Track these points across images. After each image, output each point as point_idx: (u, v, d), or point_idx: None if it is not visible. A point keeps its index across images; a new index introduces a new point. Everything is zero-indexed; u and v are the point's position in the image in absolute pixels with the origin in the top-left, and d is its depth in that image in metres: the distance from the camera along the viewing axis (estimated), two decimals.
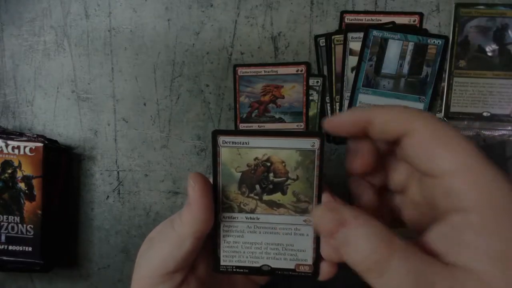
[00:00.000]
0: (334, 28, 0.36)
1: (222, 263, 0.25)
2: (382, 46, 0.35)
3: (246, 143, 0.24)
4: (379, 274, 0.19)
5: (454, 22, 0.35)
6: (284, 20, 0.36)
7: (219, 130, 0.24)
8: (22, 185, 0.35)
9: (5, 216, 0.35)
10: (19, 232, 0.35)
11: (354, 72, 0.36)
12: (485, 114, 0.35)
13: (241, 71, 0.36)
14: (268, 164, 0.24)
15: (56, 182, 0.36)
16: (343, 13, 0.36)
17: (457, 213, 0.19)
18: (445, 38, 0.35)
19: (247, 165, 0.24)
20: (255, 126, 0.37)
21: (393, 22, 0.35)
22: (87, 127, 0.38)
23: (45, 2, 0.37)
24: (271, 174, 0.24)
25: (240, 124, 0.37)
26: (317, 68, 0.36)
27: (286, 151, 0.24)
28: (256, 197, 0.25)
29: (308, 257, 0.25)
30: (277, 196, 0.25)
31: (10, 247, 0.35)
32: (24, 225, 0.35)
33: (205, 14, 0.37)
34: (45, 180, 0.35)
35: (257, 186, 0.25)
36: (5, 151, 0.34)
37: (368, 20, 0.36)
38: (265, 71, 0.36)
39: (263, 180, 0.24)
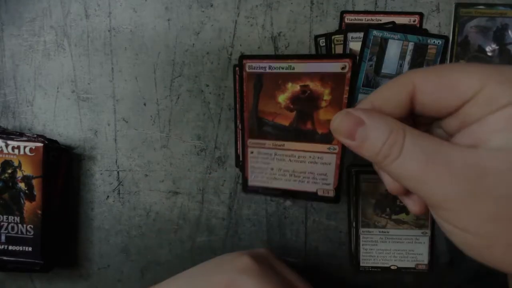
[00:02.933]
0: (334, 28, 0.36)
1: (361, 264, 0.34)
2: (382, 46, 0.35)
3: (377, 179, 0.30)
4: (395, 156, 0.20)
5: (454, 22, 0.35)
6: (284, 20, 0.36)
7: None
8: (22, 185, 0.35)
9: (5, 216, 0.35)
10: (19, 232, 0.35)
11: None
12: None
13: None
14: None
15: (56, 182, 0.36)
16: (343, 13, 0.36)
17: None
18: (445, 38, 0.35)
19: (380, 195, 0.32)
20: None
21: (393, 22, 0.35)
22: (87, 127, 0.38)
23: (45, 2, 0.37)
24: (398, 200, 0.32)
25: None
26: None
27: None
28: (387, 217, 0.32)
29: (424, 258, 0.34)
30: (402, 216, 0.33)
31: (10, 247, 0.35)
32: (24, 225, 0.35)
33: (205, 14, 0.37)
34: (45, 180, 0.35)
35: (388, 209, 0.31)
36: (5, 151, 0.34)
37: (368, 20, 0.36)
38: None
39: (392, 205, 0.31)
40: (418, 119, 0.24)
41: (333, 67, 0.24)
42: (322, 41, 0.36)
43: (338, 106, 0.25)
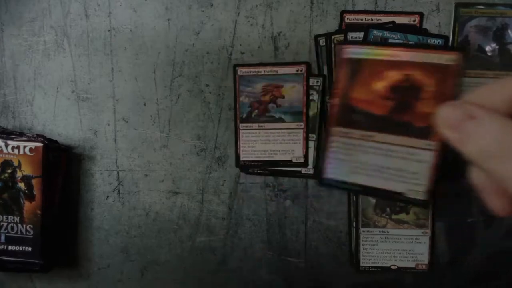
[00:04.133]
0: (334, 28, 0.36)
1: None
2: None
3: None
4: (501, 160, 0.19)
5: (454, 22, 0.35)
6: (284, 20, 0.36)
7: None
8: (21, 185, 0.35)
9: (5, 216, 0.35)
10: (19, 232, 0.35)
11: None
12: None
13: (241, 70, 0.36)
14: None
15: (56, 182, 0.36)
16: (343, 13, 0.36)
17: None
18: (445, 38, 0.35)
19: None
20: (255, 126, 0.37)
21: (393, 22, 0.35)
22: (87, 127, 0.38)
23: (45, 2, 0.37)
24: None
25: (240, 124, 0.37)
26: (317, 68, 0.36)
27: None
28: (387, 217, 0.30)
29: (424, 258, 0.33)
30: (402, 216, 0.31)
31: (10, 247, 0.35)
32: (24, 225, 0.35)
33: (205, 14, 0.37)
34: (44, 180, 0.35)
35: (388, 209, 0.30)
36: (5, 151, 0.34)
37: (368, 20, 0.36)
38: (265, 71, 0.36)
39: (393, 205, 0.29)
40: None
41: (442, 58, 0.23)
42: (322, 41, 0.36)
43: (442, 100, 0.22)
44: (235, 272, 0.38)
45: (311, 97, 0.36)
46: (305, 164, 0.35)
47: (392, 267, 0.36)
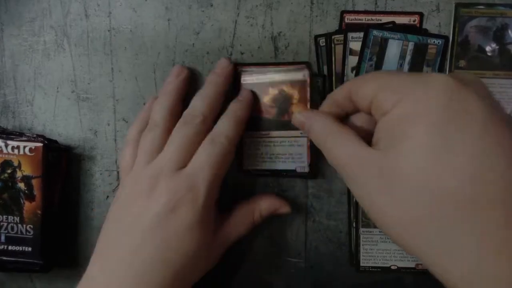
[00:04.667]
0: (334, 28, 0.36)
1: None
2: (382, 46, 0.35)
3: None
4: (324, 146, 0.28)
5: (454, 22, 0.35)
6: (284, 20, 0.36)
7: None
8: (21, 185, 0.35)
9: (4, 216, 0.35)
10: (19, 232, 0.35)
11: (354, 72, 0.36)
12: None
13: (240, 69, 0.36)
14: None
15: (56, 182, 0.36)
16: (343, 13, 0.36)
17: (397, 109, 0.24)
18: (445, 38, 0.35)
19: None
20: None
21: (393, 22, 0.35)
22: (87, 127, 0.38)
23: (45, 2, 0.37)
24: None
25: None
26: (317, 68, 0.36)
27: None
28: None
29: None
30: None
31: (10, 247, 0.35)
32: (24, 225, 0.35)
33: (205, 14, 0.37)
34: (44, 180, 0.35)
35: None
36: (4, 151, 0.34)
37: (368, 20, 0.36)
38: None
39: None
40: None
41: (299, 75, 0.35)
42: (322, 41, 0.36)
43: (304, 102, 0.35)
44: (234, 272, 0.38)
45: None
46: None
47: (392, 267, 0.36)
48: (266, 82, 0.35)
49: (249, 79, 0.35)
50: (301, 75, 0.35)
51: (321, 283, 0.38)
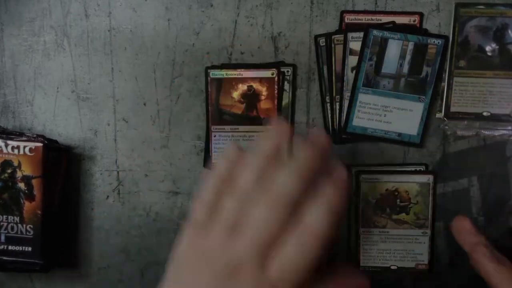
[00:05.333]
0: (334, 28, 0.36)
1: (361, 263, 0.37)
2: (382, 46, 0.35)
3: (377, 179, 0.36)
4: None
5: (454, 22, 0.35)
6: (284, 20, 0.36)
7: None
8: (21, 185, 0.35)
9: (4, 216, 0.35)
10: (19, 232, 0.35)
11: (354, 72, 0.36)
12: (485, 113, 0.35)
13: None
14: (396, 193, 0.36)
15: (56, 182, 0.36)
16: (343, 13, 0.36)
17: None
18: (445, 38, 0.35)
19: (380, 195, 0.36)
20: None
21: (393, 22, 0.35)
22: (87, 127, 0.38)
23: (45, 2, 0.37)
24: (398, 200, 0.36)
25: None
26: (317, 68, 0.36)
27: (409, 184, 0.36)
28: (387, 217, 0.36)
29: (424, 258, 0.36)
30: (402, 216, 0.36)
31: (10, 247, 0.35)
32: (24, 225, 0.35)
33: (205, 14, 0.37)
34: (44, 180, 0.35)
35: (388, 209, 0.36)
36: (4, 151, 0.34)
37: (368, 20, 0.36)
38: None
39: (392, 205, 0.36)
40: None
41: (268, 73, 0.36)
42: (322, 41, 0.36)
43: (272, 99, 0.36)
44: None
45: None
46: None
47: (392, 267, 0.36)
48: (235, 78, 0.36)
49: (215, 72, 0.37)
50: (270, 73, 0.36)
51: None
